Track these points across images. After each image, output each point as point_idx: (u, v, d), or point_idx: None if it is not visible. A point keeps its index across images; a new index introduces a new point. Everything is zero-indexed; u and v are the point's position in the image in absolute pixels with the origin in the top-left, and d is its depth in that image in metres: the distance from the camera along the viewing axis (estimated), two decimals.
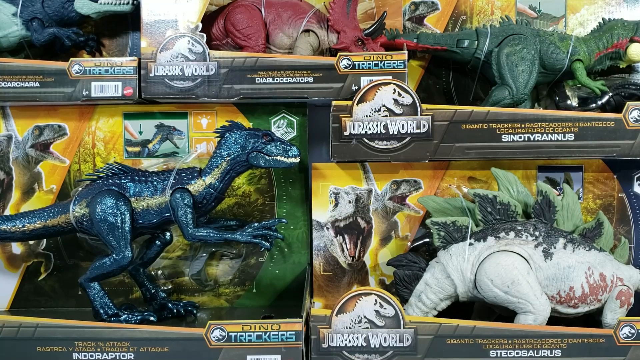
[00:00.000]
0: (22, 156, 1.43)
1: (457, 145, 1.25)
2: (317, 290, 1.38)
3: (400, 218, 1.38)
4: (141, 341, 1.19)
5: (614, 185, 1.38)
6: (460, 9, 1.44)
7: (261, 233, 1.28)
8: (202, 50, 1.28)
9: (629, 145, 1.24)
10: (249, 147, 1.26)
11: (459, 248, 1.24)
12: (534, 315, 1.21)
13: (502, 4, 1.44)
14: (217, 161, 1.28)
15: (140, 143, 1.42)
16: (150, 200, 1.28)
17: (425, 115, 1.25)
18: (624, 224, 1.38)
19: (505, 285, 1.21)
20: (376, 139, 1.25)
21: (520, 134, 1.25)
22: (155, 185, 1.28)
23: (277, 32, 1.34)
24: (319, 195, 1.37)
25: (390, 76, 1.26)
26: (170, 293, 1.41)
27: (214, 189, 1.28)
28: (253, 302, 1.43)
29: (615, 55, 1.35)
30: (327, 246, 1.38)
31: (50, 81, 1.30)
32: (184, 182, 1.28)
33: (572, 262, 1.22)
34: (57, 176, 1.42)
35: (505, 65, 1.31)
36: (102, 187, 1.28)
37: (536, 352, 1.19)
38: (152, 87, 1.29)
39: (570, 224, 1.26)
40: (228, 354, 1.18)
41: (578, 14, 1.44)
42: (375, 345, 1.20)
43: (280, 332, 1.18)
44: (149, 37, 1.30)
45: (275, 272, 1.43)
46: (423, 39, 1.37)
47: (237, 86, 1.28)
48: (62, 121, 1.42)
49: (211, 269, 1.43)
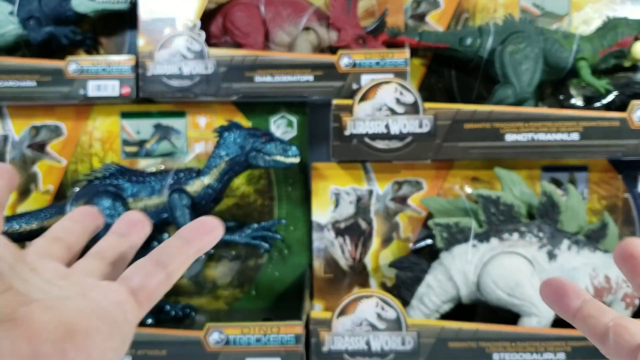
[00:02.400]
0: (19, 156, 1.42)
1: (460, 145, 1.24)
2: (317, 292, 1.37)
3: (402, 219, 1.37)
4: (138, 344, 1.18)
5: (619, 186, 1.37)
6: (463, 6, 1.43)
7: (260, 234, 1.28)
8: (201, 48, 1.27)
9: (634, 145, 1.24)
10: (248, 146, 1.25)
11: (462, 250, 1.24)
12: (538, 318, 1.20)
13: (505, 1, 1.43)
14: (216, 161, 1.27)
15: (138, 143, 1.41)
16: (147, 201, 1.27)
17: (427, 115, 1.24)
18: (629, 225, 1.37)
19: (509, 288, 1.20)
20: (377, 139, 1.24)
21: (524, 133, 1.24)
22: (153, 185, 1.27)
23: (276, 30, 1.34)
24: (319, 196, 1.36)
25: (392, 74, 1.25)
26: (168, 295, 1.40)
27: (212, 190, 1.27)
28: (252, 304, 1.42)
29: (619, 53, 1.34)
30: (327, 248, 1.37)
31: (47, 80, 1.29)
32: (182, 182, 1.27)
33: (577, 264, 1.22)
34: (54, 176, 1.41)
35: (509, 64, 1.30)
36: (99, 187, 1.28)
37: (540, 354, 1.18)
38: (150, 85, 1.28)
39: (575, 224, 1.25)
40: (227, 356, 1.17)
41: (582, 11, 1.43)
42: (376, 348, 1.19)
43: (280, 335, 1.17)
44: (146, 35, 1.29)
45: (274, 274, 1.42)
46: (425, 37, 1.36)
47: (236, 85, 1.27)
48: (58, 121, 1.41)
49: (209, 270, 1.42)
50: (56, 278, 0.46)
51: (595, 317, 0.51)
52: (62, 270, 0.48)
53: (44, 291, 0.44)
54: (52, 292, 0.44)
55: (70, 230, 0.54)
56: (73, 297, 0.45)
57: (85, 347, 0.42)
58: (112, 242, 0.54)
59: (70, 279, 0.47)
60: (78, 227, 0.55)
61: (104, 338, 0.44)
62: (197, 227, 0.54)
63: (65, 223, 0.55)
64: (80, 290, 0.46)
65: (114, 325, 0.45)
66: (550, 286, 0.52)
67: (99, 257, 0.52)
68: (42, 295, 0.43)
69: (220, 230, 0.54)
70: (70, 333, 0.42)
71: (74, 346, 0.42)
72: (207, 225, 0.54)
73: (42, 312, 0.42)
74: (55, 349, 0.41)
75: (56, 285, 0.45)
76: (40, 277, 0.45)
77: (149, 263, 0.51)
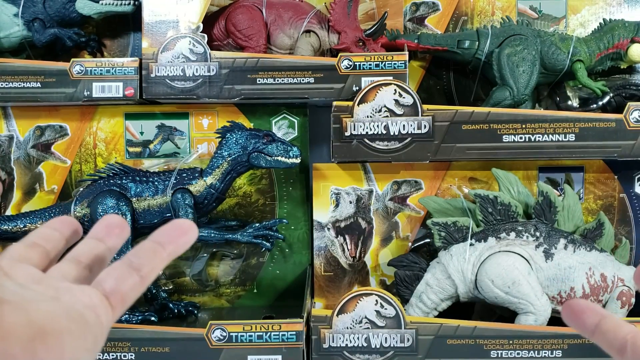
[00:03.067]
0: (24, 156, 1.43)
1: (458, 146, 1.25)
2: (317, 290, 1.38)
3: (401, 218, 1.38)
4: (142, 341, 1.19)
5: (615, 186, 1.38)
6: (461, 9, 1.44)
7: (262, 233, 1.29)
8: (203, 50, 1.28)
9: (630, 146, 1.24)
10: (250, 147, 1.26)
11: (460, 248, 1.24)
12: (535, 316, 1.21)
13: (502, 4, 1.44)
14: (218, 161, 1.28)
15: (142, 143, 1.42)
16: (151, 201, 1.28)
17: (426, 116, 1.25)
18: (624, 224, 1.38)
19: (506, 286, 1.20)
20: (377, 140, 1.25)
21: (521, 134, 1.25)
22: (157, 185, 1.28)
23: (278, 32, 1.34)
24: (320, 196, 1.37)
25: (391, 77, 1.26)
26: (171, 293, 1.41)
27: (215, 189, 1.28)
28: (254, 302, 1.43)
29: (616, 55, 1.35)
30: (327, 246, 1.38)
31: (51, 81, 1.30)
32: (185, 182, 1.28)
33: (573, 263, 1.22)
34: (59, 176, 1.42)
35: (506, 66, 1.31)
36: (103, 187, 1.29)
37: (537, 352, 1.19)
38: (153, 87, 1.29)
39: (571, 224, 1.26)
40: (229, 354, 1.18)
41: (579, 14, 1.43)
42: (376, 345, 1.20)
43: (281, 333, 1.18)
44: (150, 37, 1.30)
45: (276, 273, 1.43)
46: (424, 40, 1.37)
47: (238, 87, 1.28)
48: (63, 121, 1.42)
49: (212, 269, 1.43)
50: (30, 282, 0.48)
51: (612, 332, 0.53)
52: (36, 275, 0.49)
53: (16, 294, 0.45)
54: (23, 295, 0.45)
55: (48, 237, 0.55)
56: (45, 300, 0.46)
57: (55, 347, 0.44)
58: (89, 246, 0.55)
59: (44, 282, 0.48)
60: (56, 235, 0.56)
61: (75, 339, 0.45)
62: (171, 231, 0.54)
63: (44, 230, 0.56)
64: (53, 294, 0.47)
65: (86, 326, 0.46)
66: (569, 307, 0.55)
67: (75, 261, 0.53)
68: (14, 298, 0.44)
69: (194, 232, 0.55)
70: (40, 334, 0.43)
71: (44, 346, 0.43)
72: (180, 228, 0.55)
73: (11, 314, 0.43)
74: (24, 349, 0.42)
75: (29, 289, 0.47)
76: (13, 281, 0.47)
77: (123, 266, 0.51)
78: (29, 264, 0.51)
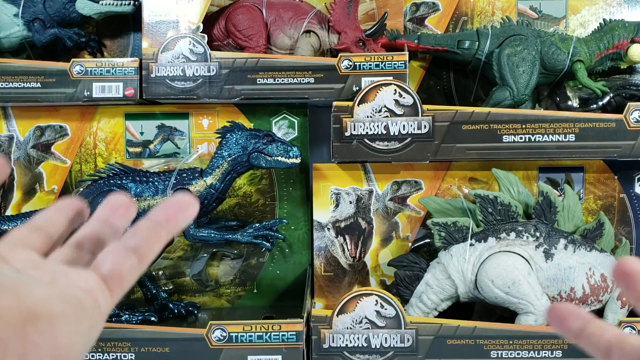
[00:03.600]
0: (24, 156, 1.43)
1: (458, 146, 1.25)
2: (318, 290, 1.38)
3: (401, 219, 1.38)
4: (142, 341, 1.19)
5: (615, 186, 1.38)
6: (461, 9, 1.44)
7: (262, 233, 1.29)
8: (203, 51, 1.28)
9: (630, 146, 1.24)
10: (250, 147, 1.26)
11: (460, 249, 1.25)
12: (535, 316, 1.21)
13: (502, 4, 1.44)
14: (218, 162, 1.28)
15: (142, 143, 1.43)
16: (151, 201, 1.28)
17: (426, 116, 1.25)
18: (624, 224, 1.38)
19: (506, 286, 1.21)
20: (377, 140, 1.25)
21: (521, 134, 1.25)
22: (157, 185, 1.28)
23: (278, 32, 1.34)
24: (320, 196, 1.37)
25: (391, 77, 1.26)
26: (171, 293, 1.41)
27: (215, 190, 1.28)
28: (254, 302, 1.43)
29: (616, 56, 1.35)
30: (328, 247, 1.38)
31: (51, 82, 1.30)
32: (185, 182, 1.28)
33: (573, 263, 1.23)
34: (59, 176, 1.43)
35: (506, 66, 1.31)
36: (103, 187, 1.29)
37: (537, 352, 1.19)
38: (154, 87, 1.29)
39: (571, 224, 1.26)
40: (229, 354, 1.18)
41: (579, 14, 1.43)
42: (376, 345, 1.20)
43: (281, 333, 1.18)
44: (150, 37, 1.30)
45: (276, 273, 1.43)
46: (424, 40, 1.37)
47: (238, 87, 1.28)
48: (63, 122, 1.42)
49: (212, 269, 1.43)
50: (27, 267, 0.47)
51: (598, 335, 0.52)
52: (35, 260, 0.49)
53: (10, 279, 0.44)
54: (19, 280, 0.45)
55: (53, 220, 0.54)
56: (39, 285, 0.45)
57: (48, 331, 0.43)
58: (93, 229, 0.53)
59: (42, 267, 0.48)
60: (61, 217, 0.54)
61: (70, 323, 0.44)
62: (169, 207, 0.52)
63: (49, 213, 0.54)
64: (50, 278, 0.46)
65: (82, 311, 0.45)
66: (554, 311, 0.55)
67: (77, 245, 0.52)
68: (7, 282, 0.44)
69: (194, 207, 0.52)
70: (31, 318, 0.42)
71: (36, 330, 0.42)
72: (178, 204, 0.52)
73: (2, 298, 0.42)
74: (15, 333, 0.41)
75: (26, 274, 0.46)
76: (9, 266, 0.46)
77: (120, 248, 0.49)
78: (30, 248, 0.50)
